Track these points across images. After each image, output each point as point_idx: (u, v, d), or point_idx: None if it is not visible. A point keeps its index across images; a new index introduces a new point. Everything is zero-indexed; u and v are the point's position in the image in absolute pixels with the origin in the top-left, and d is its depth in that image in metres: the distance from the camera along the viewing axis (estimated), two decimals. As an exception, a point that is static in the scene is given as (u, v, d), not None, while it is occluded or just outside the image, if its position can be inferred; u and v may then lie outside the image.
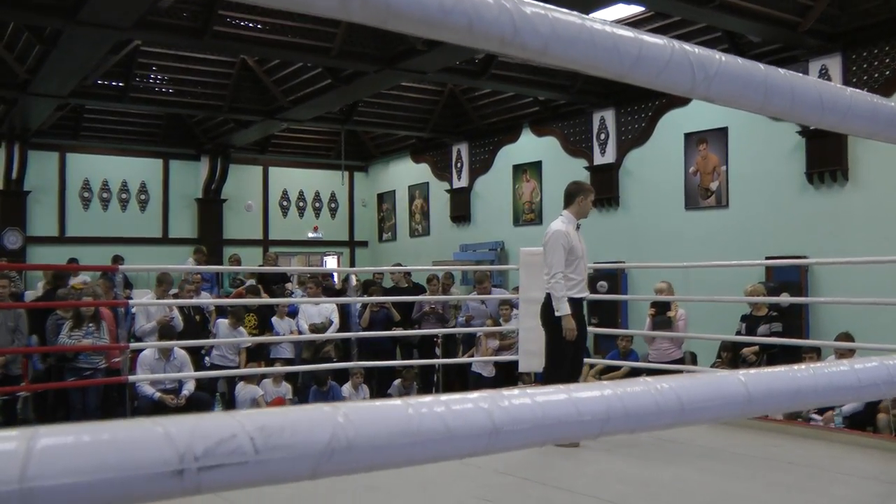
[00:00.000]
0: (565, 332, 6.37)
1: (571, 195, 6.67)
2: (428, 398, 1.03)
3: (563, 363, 6.65)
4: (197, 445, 0.87)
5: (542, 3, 1.14)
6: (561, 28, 1.14)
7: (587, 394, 1.15)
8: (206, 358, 11.25)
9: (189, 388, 9.86)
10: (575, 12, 1.18)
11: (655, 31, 12.05)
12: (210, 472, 0.86)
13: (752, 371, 1.37)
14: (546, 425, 1.09)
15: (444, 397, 1.04)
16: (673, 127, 13.66)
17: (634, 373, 11.11)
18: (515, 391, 1.11)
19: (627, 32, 1.23)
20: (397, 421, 0.99)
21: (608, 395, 1.16)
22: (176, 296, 11.68)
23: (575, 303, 6.46)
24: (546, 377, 6.84)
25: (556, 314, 6.35)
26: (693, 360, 10.80)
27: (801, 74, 1.55)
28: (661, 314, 10.10)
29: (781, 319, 9.85)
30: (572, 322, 6.37)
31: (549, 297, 6.48)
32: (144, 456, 0.84)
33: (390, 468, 1.02)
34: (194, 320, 11.27)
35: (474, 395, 1.08)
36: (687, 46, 1.29)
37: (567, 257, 6.41)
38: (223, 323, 11.07)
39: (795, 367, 1.48)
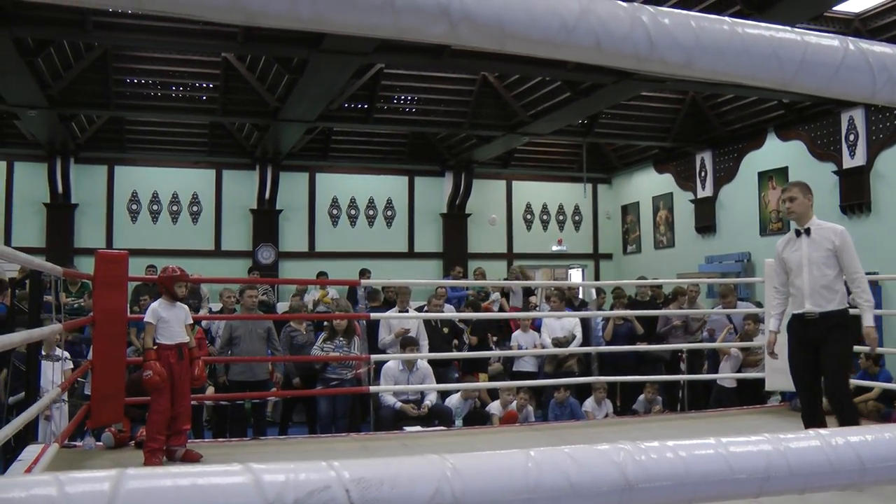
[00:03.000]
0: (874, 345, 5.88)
1: None
2: (551, 449, 0.94)
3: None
4: (287, 495, 0.82)
5: (684, 11, 1.02)
6: (707, 37, 1.02)
7: (742, 448, 1.02)
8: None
9: (431, 399, 10.03)
10: (726, 19, 1.05)
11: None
12: (299, 525, 0.82)
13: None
14: (691, 483, 0.97)
15: (569, 449, 0.95)
16: (934, 120, 12.62)
17: (887, 394, 10.28)
18: (656, 444, 0.99)
19: (790, 35, 1.08)
20: (512, 475, 0.90)
21: (768, 451, 1.02)
22: (421, 309, 11.95)
23: None
24: (845, 407, 5.90)
25: (868, 326, 5.81)
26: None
27: None
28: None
29: None
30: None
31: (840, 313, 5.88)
32: None
33: (503, 529, 0.93)
34: (441, 333, 11.44)
35: (606, 446, 0.97)
36: (864, 45, 1.12)
37: None
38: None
39: None
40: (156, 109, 15.03)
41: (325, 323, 10.52)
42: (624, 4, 1.00)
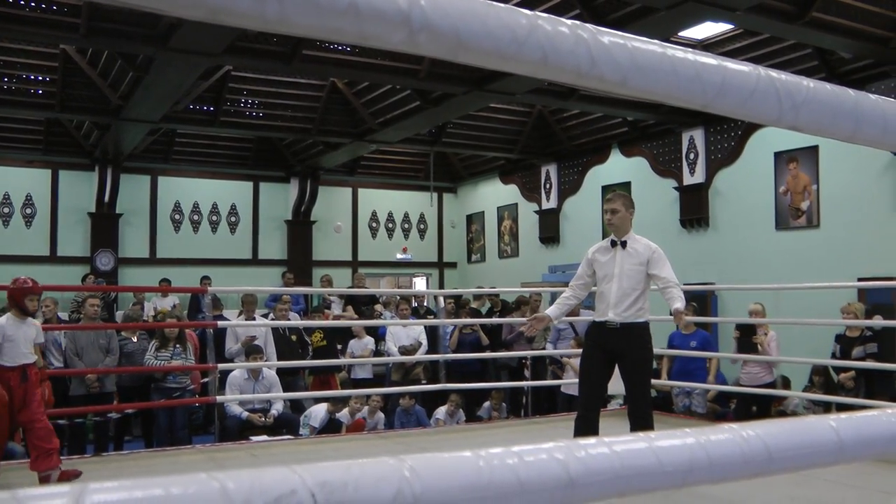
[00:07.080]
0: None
1: None
2: (499, 449, 0.98)
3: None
4: (255, 501, 0.83)
5: (621, 33, 1.09)
6: (641, 58, 1.09)
7: (669, 442, 1.09)
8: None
9: (278, 408, 9.91)
10: (656, 41, 1.12)
11: (744, 49, 11.92)
12: (268, 531, 0.83)
13: (844, 416, 1.30)
14: (625, 476, 1.03)
15: (517, 448, 0.99)
16: (763, 146, 13.44)
17: (722, 396, 10.87)
18: (592, 440, 1.05)
19: (711, 60, 1.17)
20: (467, 474, 0.94)
21: (691, 444, 1.10)
22: (265, 316, 11.81)
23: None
24: (646, 418, 5.92)
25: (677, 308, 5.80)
26: (785, 384, 10.49)
27: (893, 100, 1.44)
28: (747, 337, 9.78)
29: (876, 341, 9.47)
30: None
31: (641, 325, 5.97)
32: (199, 514, 0.81)
33: (460, 524, 0.97)
34: (289, 340, 11.31)
35: (549, 445, 1.02)
36: (773, 73, 1.22)
37: None
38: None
39: (890, 410, 1.39)
40: (-15, 103, 14.10)
41: (135, 332, 10.24)
42: (567, 22, 1.05)
